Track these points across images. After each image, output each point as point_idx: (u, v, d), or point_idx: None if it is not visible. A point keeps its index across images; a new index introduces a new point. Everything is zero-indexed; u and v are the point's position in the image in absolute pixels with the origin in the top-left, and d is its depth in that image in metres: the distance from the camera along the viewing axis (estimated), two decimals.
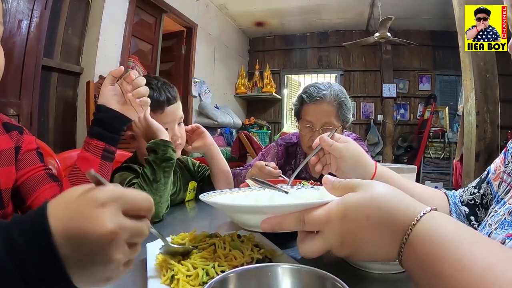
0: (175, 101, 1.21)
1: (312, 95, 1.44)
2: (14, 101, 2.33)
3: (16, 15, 2.28)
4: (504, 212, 0.62)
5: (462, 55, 2.83)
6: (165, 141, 1.03)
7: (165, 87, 1.19)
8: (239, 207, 0.56)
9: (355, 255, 0.46)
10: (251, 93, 6.35)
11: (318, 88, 1.45)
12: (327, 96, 1.43)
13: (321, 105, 1.43)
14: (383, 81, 6.14)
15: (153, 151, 1.01)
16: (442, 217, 0.41)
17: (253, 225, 0.53)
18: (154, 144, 1.02)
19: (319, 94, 1.43)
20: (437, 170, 5.86)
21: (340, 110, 1.45)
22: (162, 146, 1.02)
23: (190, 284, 0.51)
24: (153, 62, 4.05)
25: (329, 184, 0.50)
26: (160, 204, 1.00)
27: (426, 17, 5.48)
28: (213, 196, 0.69)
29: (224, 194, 0.72)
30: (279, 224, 0.49)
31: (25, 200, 0.85)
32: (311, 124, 1.46)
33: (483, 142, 2.71)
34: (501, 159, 0.77)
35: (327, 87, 1.46)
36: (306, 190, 0.67)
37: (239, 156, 4.12)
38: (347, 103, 1.48)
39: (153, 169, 0.99)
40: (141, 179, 0.99)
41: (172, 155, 1.03)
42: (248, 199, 0.66)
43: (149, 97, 1.15)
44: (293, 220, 0.48)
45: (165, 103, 1.17)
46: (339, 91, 1.47)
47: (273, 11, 5.61)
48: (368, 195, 0.45)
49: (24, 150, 0.88)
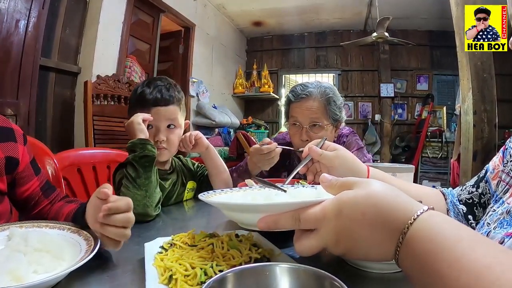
0: (165, 104, 1.22)
1: (297, 93, 1.44)
2: (12, 101, 2.32)
3: (14, 14, 2.27)
4: (502, 211, 0.62)
5: (460, 55, 2.84)
6: (142, 140, 1.06)
7: (161, 87, 1.22)
8: (235, 205, 0.57)
9: (350, 253, 0.46)
10: (249, 93, 6.35)
11: (305, 86, 1.44)
12: (313, 92, 1.42)
13: (307, 102, 1.42)
14: (381, 80, 6.15)
15: (132, 151, 1.05)
16: (439, 216, 0.41)
17: (250, 223, 0.54)
18: (132, 144, 1.06)
19: (305, 92, 1.42)
20: (435, 169, 5.88)
21: (329, 107, 1.42)
22: (140, 144, 1.05)
23: (188, 283, 0.51)
24: (151, 62, 4.04)
25: (326, 183, 0.50)
26: (148, 198, 1.01)
27: (423, 17, 5.49)
28: (212, 195, 0.70)
29: (225, 194, 0.73)
30: (275, 223, 0.49)
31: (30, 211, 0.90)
32: (298, 122, 1.44)
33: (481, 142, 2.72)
34: (500, 158, 0.77)
35: (314, 85, 1.45)
36: (303, 189, 0.67)
37: (237, 155, 4.11)
38: (336, 100, 1.45)
39: (134, 167, 1.02)
40: (125, 179, 1.02)
41: (151, 152, 1.05)
42: (246, 198, 0.66)
43: (141, 93, 1.21)
44: (289, 219, 0.48)
45: (151, 102, 1.20)
46: (327, 88, 1.45)
47: (271, 11, 5.61)
48: (364, 192, 0.44)
49: (22, 167, 0.87)
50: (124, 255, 0.68)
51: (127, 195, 0.99)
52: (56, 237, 0.61)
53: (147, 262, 0.59)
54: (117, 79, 3.14)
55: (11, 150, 0.84)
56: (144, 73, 3.72)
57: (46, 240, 0.58)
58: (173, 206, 1.28)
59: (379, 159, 5.96)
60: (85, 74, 3.04)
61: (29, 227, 0.65)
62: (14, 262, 0.51)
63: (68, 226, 0.66)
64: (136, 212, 0.97)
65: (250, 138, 3.99)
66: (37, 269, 0.53)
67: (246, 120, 6.20)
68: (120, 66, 3.35)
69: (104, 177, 1.55)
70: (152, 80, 1.26)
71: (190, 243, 0.64)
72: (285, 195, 0.61)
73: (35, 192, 0.90)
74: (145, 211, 0.99)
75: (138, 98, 1.22)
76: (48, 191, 0.93)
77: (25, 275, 0.50)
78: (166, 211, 1.17)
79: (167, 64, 4.80)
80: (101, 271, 0.61)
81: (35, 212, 0.90)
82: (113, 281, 0.58)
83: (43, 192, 0.91)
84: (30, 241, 0.57)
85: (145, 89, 1.22)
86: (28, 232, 0.60)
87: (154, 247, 0.65)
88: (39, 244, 0.57)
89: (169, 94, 1.23)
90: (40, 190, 0.91)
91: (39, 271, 0.53)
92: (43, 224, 0.67)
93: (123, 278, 0.60)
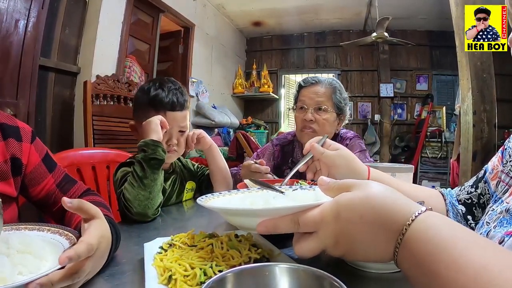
0: (180, 109, 1.23)
1: (308, 80, 1.59)
2: (11, 101, 2.31)
3: (13, 14, 2.27)
4: (501, 209, 0.62)
5: (459, 55, 2.84)
6: (154, 141, 1.06)
7: (175, 91, 1.23)
8: (234, 210, 0.58)
9: (349, 255, 0.46)
10: (249, 93, 6.35)
11: (315, 76, 1.60)
12: (322, 80, 1.57)
13: (316, 86, 1.55)
14: (381, 81, 6.15)
15: (142, 150, 1.05)
16: (437, 217, 0.41)
17: (250, 227, 0.54)
18: (144, 144, 1.05)
19: (315, 79, 1.58)
20: (434, 169, 5.88)
21: (334, 95, 1.53)
22: (152, 145, 1.04)
23: (187, 284, 0.51)
24: (150, 62, 4.04)
25: (325, 185, 0.51)
26: (150, 200, 1.01)
27: (423, 17, 5.49)
28: (210, 199, 0.70)
29: (223, 197, 0.73)
30: (274, 227, 0.49)
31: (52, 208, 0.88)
32: (305, 105, 1.54)
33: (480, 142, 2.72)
34: (499, 158, 0.76)
35: (324, 77, 1.61)
36: (301, 191, 0.67)
37: (237, 156, 4.11)
38: (341, 91, 1.57)
39: (142, 167, 1.02)
40: (131, 177, 1.03)
41: (161, 155, 1.05)
42: (244, 201, 0.66)
43: (156, 95, 1.20)
44: (288, 222, 0.48)
45: (168, 106, 1.20)
46: (335, 80, 1.61)
47: (271, 11, 5.61)
48: (362, 194, 0.44)
49: (31, 167, 0.85)
50: (124, 255, 0.68)
51: (131, 193, 0.99)
52: (36, 238, 0.61)
53: (146, 262, 0.59)
54: (117, 79, 3.14)
55: (14, 150, 0.81)
56: (144, 73, 3.71)
57: (27, 242, 0.58)
58: (172, 206, 1.28)
59: (378, 159, 5.96)
60: (85, 74, 3.04)
61: (8, 230, 0.65)
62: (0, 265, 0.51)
63: (47, 227, 0.65)
64: (135, 211, 0.98)
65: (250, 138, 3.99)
66: (21, 270, 0.53)
67: (245, 120, 6.20)
68: (119, 66, 3.35)
69: (103, 177, 1.55)
70: (163, 81, 1.24)
71: (189, 243, 0.64)
72: (283, 198, 0.62)
73: (52, 190, 0.87)
74: (145, 211, 1.00)
75: (152, 101, 1.20)
76: (66, 186, 0.90)
77: (10, 277, 0.50)
78: (165, 211, 1.17)
79: (167, 64, 4.80)
80: (101, 271, 0.61)
81: (56, 209, 0.87)
82: (112, 281, 0.58)
83: (60, 189, 0.88)
84: (11, 244, 0.56)
85: (159, 91, 1.20)
86: (9, 235, 0.60)
87: (153, 247, 0.65)
88: (20, 245, 0.57)
89: (183, 98, 1.24)
90: (56, 187, 0.88)
91: (23, 272, 0.53)
92: (22, 226, 0.66)
93: (123, 278, 0.60)
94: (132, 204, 0.98)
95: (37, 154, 0.87)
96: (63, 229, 0.66)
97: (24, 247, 0.57)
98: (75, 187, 0.91)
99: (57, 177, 0.90)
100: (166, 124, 1.14)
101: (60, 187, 0.89)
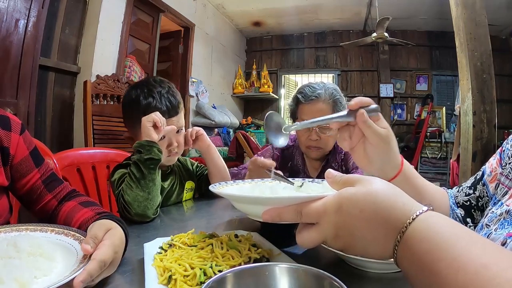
0: (175, 113, 1.21)
1: (307, 94, 1.47)
2: (11, 101, 2.31)
3: (13, 14, 2.27)
4: (502, 211, 0.62)
5: (459, 55, 2.83)
6: (149, 142, 1.05)
7: (166, 95, 1.19)
8: (242, 197, 0.60)
9: (349, 248, 0.47)
10: (248, 93, 6.36)
11: (313, 88, 1.47)
12: (322, 95, 1.45)
13: (317, 104, 1.45)
14: (380, 81, 6.15)
15: (138, 151, 1.04)
16: (438, 216, 0.41)
17: (256, 214, 0.56)
18: (139, 145, 1.05)
19: (314, 93, 1.45)
20: (434, 170, 5.88)
21: (335, 108, 1.47)
22: (147, 146, 1.04)
23: (187, 284, 0.51)
24: (150, 62, 4.04)
25: (331, 178, 0.51)
26: (149, 200, 1.01)
27: (423, 17, 5.50)
28: (223, 186, 0.75)
29: (236, 185, 0.78)
30: (278, 215, 0.50)
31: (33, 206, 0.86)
32: None
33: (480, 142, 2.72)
34: (497, 160, 0.76)
35: (321, 86, 1.48)
36: (309, 183, 0.69)
37: (236, 156, 4.11)
38: (342, 100, 1.50)
39: (139, 168, 1.02)
40: (128, 178, 1.02)
41: (157, 155, 1.04)
42: (254, 190, 0.70)
43: (148, 105, 1.16)
44: (292, 212, 0.49)
45: (166, 114, 1.16)
46: (334, 89, 1.49)
47: (270, 11, 5.61)
48: (364, 189, 0.45)
49: (18, 159, 0.82)
50: (124, 256, 0.68)
51: (129, 195, 0.99)
52: (43, 239, 0.60)
53: (146, 263, 0.59)
54: (117, 79, 3.14)
55: (2, 138, 0.79)
56: (144, 73, 3.72)
57: (36, 244, 0.57)
58: (172, 206, 1.28)
59: None
60: (85, 73, 3.04)
61: (9, 232, 0.64)
62: (17, 269, 0.50)
63: (51, 228, 0.65)
64: (135, 212, 0.98)
65: (250, 138, 3.99)
66: (36, 274, 0.52)
67: (245, 120, 6.21)
68: (119, 66, 3.35)
69: (103, 177, 1.55)
70: (150, 87, 1.19)
71: (189, 243, 0.64)
72: (290, 189, 0.64)
73: (37, 185, 0.85)
74: (145, 212, 0.99)
75: (144, 111, 1.12)
76: (52, 184, 0.87)
77: (29, 281, 0.50)
78: (165, 211, 1.17)
79: (167, 64, 4.80)
80: None
81: (39, 207, 0.84)
82: (112, 281, 0.58)
83: (45, 186, 0.86)
84: (20, 247, 0.56)
85: (151, 100, 1.16)
86: (15, 237, 0.59)
87: (153, 248, 0.65)
88: (31, 248, 0.56)
89: (176, 100, 1.22)
90: (42, 183, 0.85)
91: (38, 275, 0.52)
92: (22, 227, 0.65)
93: (123, 278, 0.60)
94: (132, 206, 0.98)
95: (25, 146, 0.85)
96: (68, 229, 0.65)
97: (34, 250, 0.56)
98: (61, 187, 0.88)
99: (43, 173, 0.87)
100: (160, 124, 1.08)
101: (46, 184, 0.86)
